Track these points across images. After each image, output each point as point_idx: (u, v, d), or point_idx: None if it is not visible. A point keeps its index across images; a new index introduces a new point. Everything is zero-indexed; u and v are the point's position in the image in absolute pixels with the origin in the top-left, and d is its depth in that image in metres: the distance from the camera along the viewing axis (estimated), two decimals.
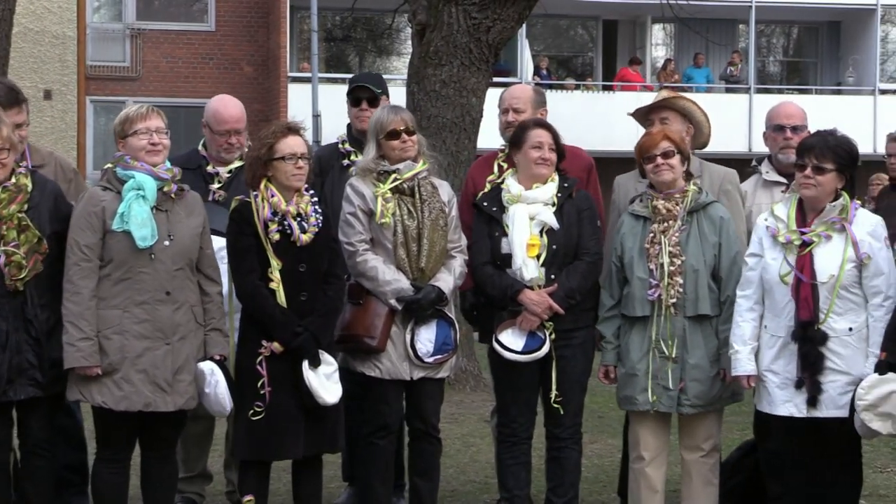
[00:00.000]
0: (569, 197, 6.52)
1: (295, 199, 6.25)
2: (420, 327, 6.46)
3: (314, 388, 6.15)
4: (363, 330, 6.41)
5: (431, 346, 6.46)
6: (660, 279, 6.30)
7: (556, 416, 6.57)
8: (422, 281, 6.45)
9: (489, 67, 11.67)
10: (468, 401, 11.08)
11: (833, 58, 31.74)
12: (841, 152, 6.08)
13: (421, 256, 6.44)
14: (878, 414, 5.85)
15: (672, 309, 6.31)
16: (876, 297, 6.01)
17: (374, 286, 6.41)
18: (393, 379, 6.45)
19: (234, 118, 7.13)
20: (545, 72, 29.36)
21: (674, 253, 6.31)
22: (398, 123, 6.51)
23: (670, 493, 6.85)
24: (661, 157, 6.36)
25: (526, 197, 6.48)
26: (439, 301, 6.45)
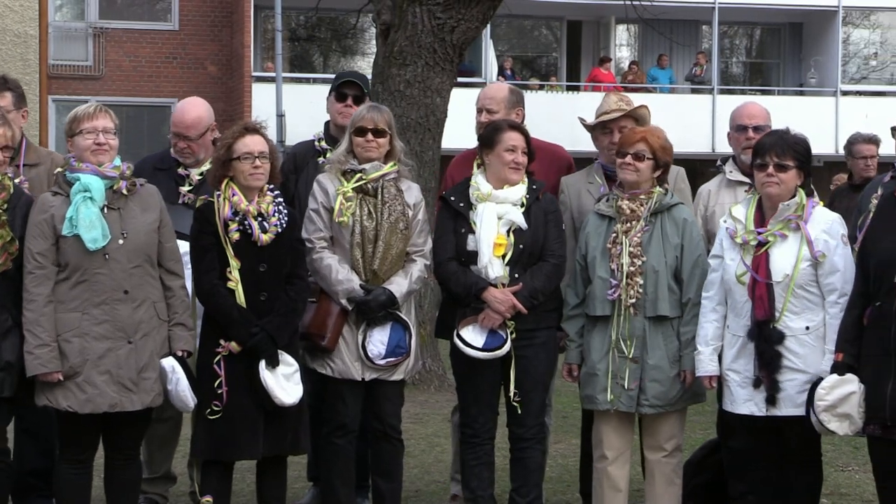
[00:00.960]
0: (536, 199, 6.54)
1: (256, 198, 6.24)
2: (373, 329, 6.45)
3: (271, 389, 6.14)
4: (315, 328, 6.43)
5: (383, 349, 6.45)
6: (620, 279, 6.32)
7: (518, 416, 6.57)
8: (374, 283, 6.44)
9: (453, 68, 11.67)
10: (432, 401, 11.08)
11: (795, 59, 31.93)
12: (800, 149, 6.13)
13: (375, 258, 6.43)
14: (836, 415, 5.88)
15: (632, 309, 6.33)
16: (832, 294, 6.04)
17: (327, 285, 6.42)
18: (345, 379, 6.44)
19: (185, 123, 7.10)
20: (509, 72, 29.39)
21: (634, 253, 6.33)
22: (368, 122, 6.51)
23: (633, 493, 6.88)
24: (631, 157, 6.38)
25: (496, 196, 6.48)
26: (390, 304, 6.44)
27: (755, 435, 6.22)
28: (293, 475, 7.95)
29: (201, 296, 6.25)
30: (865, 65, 32.45)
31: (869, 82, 32.06)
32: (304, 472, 7.61)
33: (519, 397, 6.52)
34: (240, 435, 6.20)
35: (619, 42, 32.46)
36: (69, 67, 28.05)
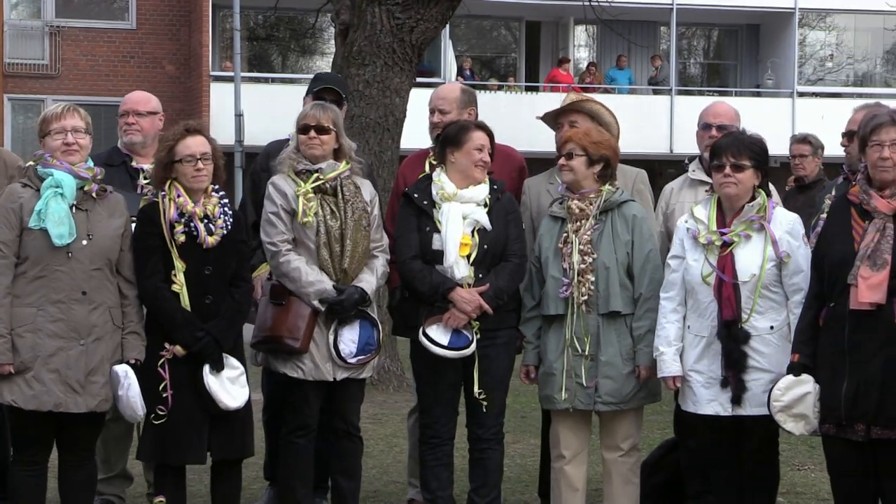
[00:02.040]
0: (497, 199, 6.55)
1: (202, 200, 6.21)
2: (343, 328, 6.44)
3: (215, 393, 6.12)
4: (286, 331, 6.38)
5: (354, 347, 6.45)
6: (571, 277, 6.34)
7: (478, 416, 6.58)
8: (345, 282, 6.43)
9: (413, 68, 11.68)
10: (391, 401, 11.07)
11: (752, 60, 32.12)
12: (756, 149, 6.16)
13: (344, 257, 6.42)
14: (792, 415, 5.91)
15: (584, 307, 6.35)
16: (796, 294, 6.08)
17: (297, 287, 6.39)
18: (315, 380, 6.43)
19: (133, 99, 7.23)
20: (468, 72, 29.43)
21: (584, 251, 6.35)
22: (311, 119, 6.50)
23: (591, 493, 6.89)
24: (563, 158, 6.42)
25: (461, 196, 6.48)
26: (362, 302, 6.44)
27: (716, 435, 6.24)
28: (250, 475, 7.92)
29: (145, 298, 6.18)
30: (821, 66, 32.68)
31: (825, 84, 32.30)
32: (262, 472, 7.59)
33: (484, 396, 6.53)
34: (185, 439, 6.18)
35: (578, 43, 32.55)
36: (25, 66, 27.86)
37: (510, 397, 6.76)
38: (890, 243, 5.74)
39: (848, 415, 5.78)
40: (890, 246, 5.73)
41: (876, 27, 30.63)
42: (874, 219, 5.80)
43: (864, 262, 5.75)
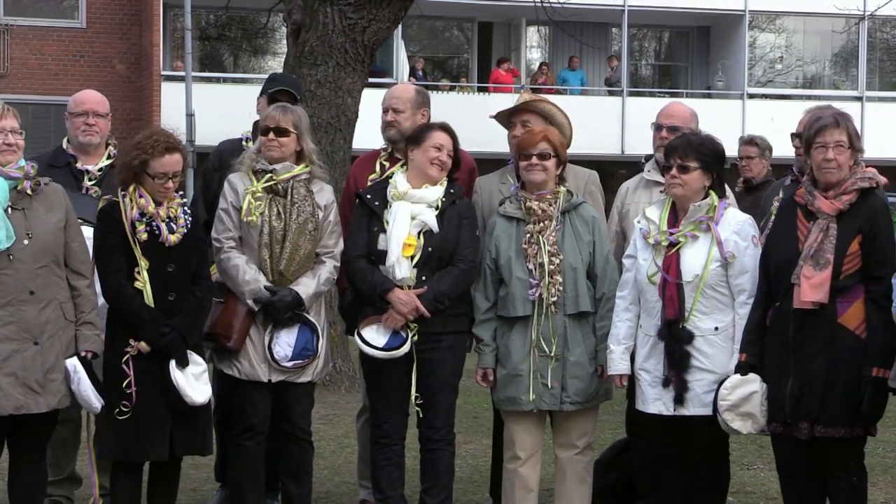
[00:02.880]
0: (452, 203, 6.54)
1: (166, 202, 6.20)
2: (280, 331, 6.42)
3: (182, 388, 6.11)
4: (222, 329, 6.40)
5: (290, 351, 6.42)
6: (540, 278, 6.35)
7: (427, 417, 6.57)
8: (281, 284, 6.41)
9: (365, 68, 11.66)
10: (343, 402, 11.05)
11: (703, 62, 32.30)
12: (704, 150, 6.19)
13: (282, 259, 6.40)
14: (740, 414, 5.96)
15: (553, 307, 6.36)
16: (741, 295, 6.12)
17: (234, 285, 6.39)
18: (252, 380, 6.42)
19: (94, 100, 7.16)
20: (421, 73, 29.43)
21: (552, 252, 6.37)
22: (271, 121, 6.50)
23: (543, 493, 6.91)
24: (536, 157, 6.42)
25: (412, 195, 6.47)
26: (295, 305, 6.41)
27: (665, 434, 6.28)
28: (201, 476, 7.92)
29: (109, 296, 6.18)
30: (771, 68, 32.93)
31: (775, 86, 32.55)
32: (213, 473, 7.56)
33: (421, 400, 6.52)
34: (148, 435, 6.15)
35: (530, 44, 32.63)
36: None
37: (462, 398, 6.76)
38: (833, 243, 5.80)
39: (793, 413, 5.85)
40: (833, 246, 5.80)
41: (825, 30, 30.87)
42: (818, 219, 5.87)
43: (808, 261, 5.82)
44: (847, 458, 5.89)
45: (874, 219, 5.84)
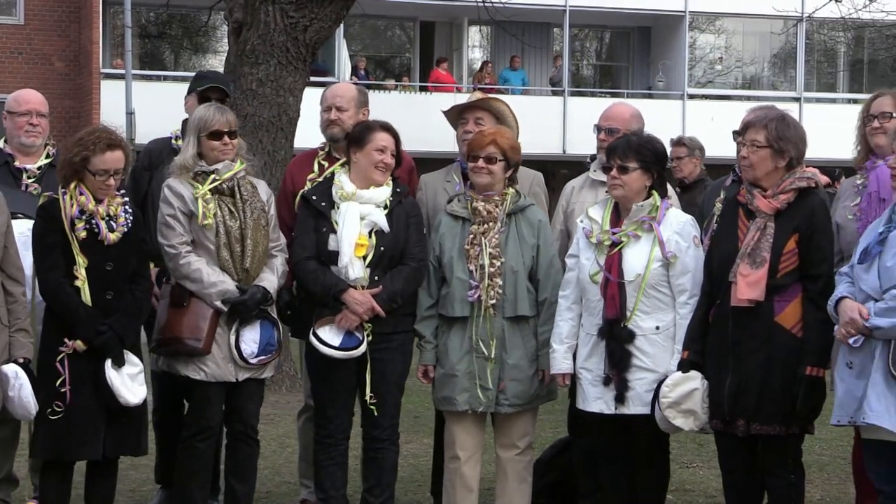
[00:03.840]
0: (399, 203, 6.54)
1: (106, 200, 6.16)
2: (244, 328, 6.42)
3: (117, 389, 6.08)
4: (188, 332, 6.35)
5: (256, 347, 6.43)
6: (479, 280, 6.37)
7: (373, 417, 6.57)
8: (247, 282, 6.41)
9: (306, 67, 11.63)
10: (284, 401, 11.03)
11: (644, 62, 32.48)
12: (644, 151, 6.23)
13: (245, 257, 6.40)
14: (681, 411, 6.01)
15: (491, 310, 6.38)
16: (682, 295, 6.16)
17: (199, 288, 6.35)
18: (218, 381, 6.39)
19: (37, 100, 7.11)
20: (363, 72, 29.39)
21: (494, 254, 6.38)
22: (223, 125, 6.47)
23: (484, 492, 6.92)
24: (483, 160, 6.43)
25: (360, 196, 6.46)
26: (265, 301, 6.42)
27: (606, 433, 6.31)
28: (140, 477, 7.87)
29: (46, 293, 6.13)
30: (711, 69, 33.17)
31: (714, 86, 32.78)
32: (152, 474, 7.51)
33: (375, 400, 6.52)
34: (81, 435, 6.11)
35: (472, 43, 32.67)
36: None
37: (404, 397, 6.76)
38: (770, 242, 5.87)
39: (731, 411, 5.91)
40: (769, 245, 5.86)
41: (763, 31, 31.14)
42: (757, 218, 5.93)
43: (744, 259, 5.88)
44: (784, 455, 5.95)
45: (811, 218, 5.90)
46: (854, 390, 5.60)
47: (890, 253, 5.56)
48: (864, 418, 5.52)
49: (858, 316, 5.53)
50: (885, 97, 6.42)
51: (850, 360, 5.64)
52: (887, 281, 5.54)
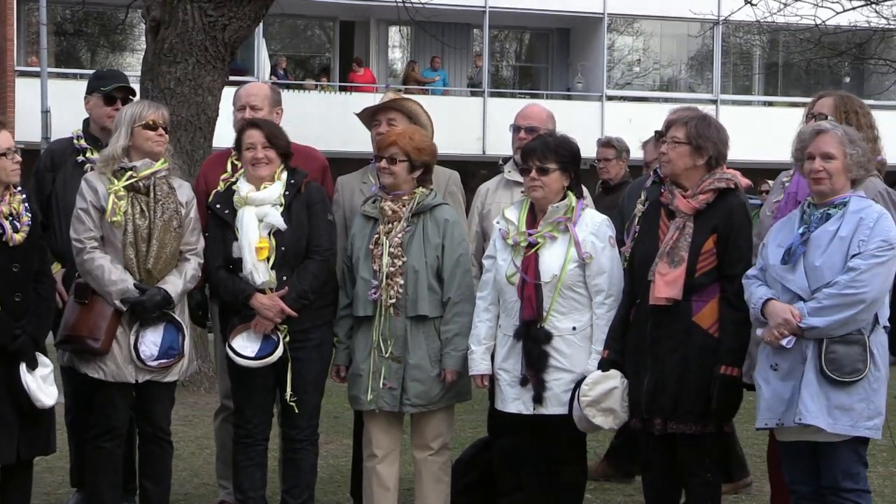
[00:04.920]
0: (298, 192, 6.51)
1: (7, 198, 6.09)
2: (146, 330, 6.36)
3: (33, 392, 6.02)
4: (87, 331, 6.29)
5: (156, 350, 6.37)
6: (380, 280, 6.37)
7: (292, 417, 6.55)
8: (149, 282, 6.35)
9: (225, 66, 11.56)
10: (202, 402, 10.95)
11: (563, 64, 32.68)
12: (562, 152, 6.27)
13: (149, 257, 6.34)
14: (601, 410, 6.05)
15: (392, 309, 6.38)
16: (598, 295, 6.20)
17: (100, 286, 6.29)
18: (118, 382, 6.34)
19: None
20: (282, 72, 29.28)
21: (394, 254, 6.38)
22: (159, 117, 6.45)
23: (404, 492, 6.93)
24: (385, 161, 6.43)
25: (253, 199, 6.43)
26: (165, 304, 6.36)
27: (524, 433, 6.33)
28: (56, 480, 7.79)
29: None
30: (629, 71, 33.45)
31: (632, 88, 33.07)
32: (68, 477, 7.43)
33: (296, 398, 6.50)
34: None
35: (392, 44, 32.68)
36: None
37: (323, 398, 6.75)
38: (688, 241, 5.93)
39: (648, 409, 5.96)
40: (688, 244, 5.92)
41: (681, 34, 31.46)
42: (676, 218, 5.99)
43: (663, 258, 5.94)
44: (701, 454, 6.01)
45: (730, 218, 5.96)
46: (781, 392, 5.66)
47: (816, 253, 5.64)
48: (798, 419, 5.58)
49: (791, 317, 5.60)
50: (827, 98, 6.47)
51: (775, 362, 5.69)
52: (816, 280, 5.61)
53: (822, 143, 5.72)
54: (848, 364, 5.55)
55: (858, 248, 5.57)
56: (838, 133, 5.74)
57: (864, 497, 5.72)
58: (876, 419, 5.61)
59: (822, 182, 5.71)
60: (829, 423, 5.55)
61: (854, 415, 5.56)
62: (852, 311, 5.52)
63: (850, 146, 5.71)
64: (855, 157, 5.70)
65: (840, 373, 5.54)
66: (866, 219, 5.61)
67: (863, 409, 5.56)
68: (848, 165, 5.70)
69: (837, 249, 5.60)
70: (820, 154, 5.71)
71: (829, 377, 5.55)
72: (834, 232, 5.63)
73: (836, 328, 5.55)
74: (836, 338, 5.56)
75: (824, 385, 5.56)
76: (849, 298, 5.52)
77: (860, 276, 5.52)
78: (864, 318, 5.57)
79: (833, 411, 5.55)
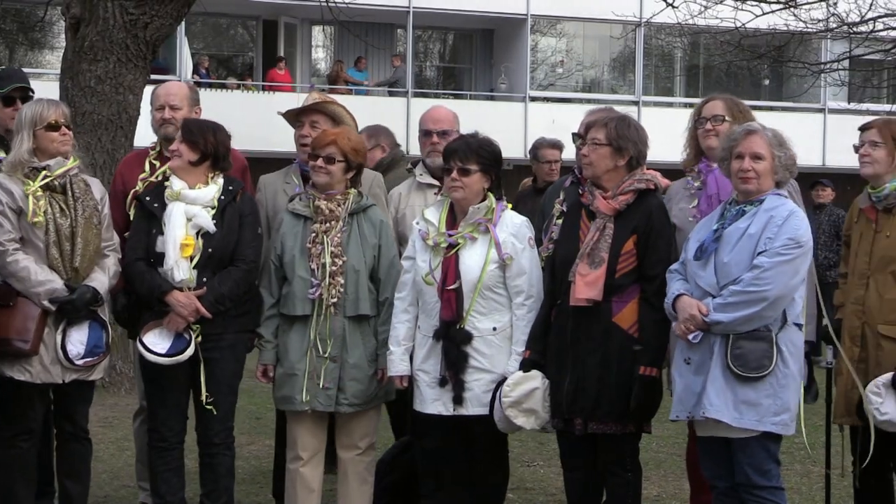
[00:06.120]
0: (233, 200, 6.48)
1: None
2: (72, 328, 6.31)
3: None
4: (14, 333, 6.22)
5: (83, 348, 6.33)
6: (321, 279, 6.35)
7: (207, 420, 6.51)
8: (76, 281, 6.30)
9: (147, 64, 11.47)
10: (122, 404, 10.85)
11: (486, 65, 32.75)
12: (484, 153, 6.29)
13: (75, 256, 6.30)
14: (522, 410, 6.08)
15: (332, 308, 6.37)
16: (518, 296, 6.23)
17: (26, 287, 6.22)
18: (44, 382, 6.26)
19: None
20: (205, 71, 29.09)
21: (335, 253, 6.37)
22: (60, 115, 6.38)
23: (326, 493, 6.91)
24: (322, 160, 6.41)
25: (186, 196, 6.39)
26: (94, 301, 6.32)
27: (445, 434, 6.34)
28: None
29: None
30: (552, 72, 33.59)
31: (556, 89, 33.22)
32: None
33: (212, 399, 6.46)
34: None
35: (316, 43, 32.57)
36: None
37: (245, 398, 6.73)
38: (608, 242, 5.97)
39: (569, 410, 5.99)
40: (608, 245, 5.97)
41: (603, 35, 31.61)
42: (597, 219, 6.03)
43: (584, 259, 5.98)
44: (621, 454, 6.05)
45: (649, 219, 6.01)
46: (692, 386, 5.73)
47: (726, 249, 5.72)
48: (703, 413, 5.66)
49: (697, 312, 5.66)
50: (717, 101, 6.58)
51: (688, 356, 5.77)
52: (724, 277, 5.69)
53: (752, 144, 5.80)
54: (753, 360, 5.62)
55: (765, 245, 5.65)
56: (768, 135, 5.82)
57: (777, 494, 5.79)
58: (783, 415, 5.68)
59: (750, 182, 5.78)
60: (735, 418, 5.62)
61: (761, 410, 5.63)
62: (756, 308, 5.60)
63: (779, 148, 5.81)
64: (783, 159, 5.80)
65: (745, 368, 5.62)
66: (776, 217, 5.69)
67: (769, 404, 5.64)
68: (775, 167, 5.79)
69: (746, 247, 5.69)
70: (750, 154, 5.79)
71: (735, 372, 5.62)
72: (744, 229, 5.72)
73: (741, 324, 5.62)
74: (743, 334, 5.64)
75: (731, 380, 5.63)
76: (752, 296, 5.59)
77: (763, 274, 5.60)
78: (770, 314, 5.64)
79: (739, 406, 5.62)
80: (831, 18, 19.90)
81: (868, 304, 6.23)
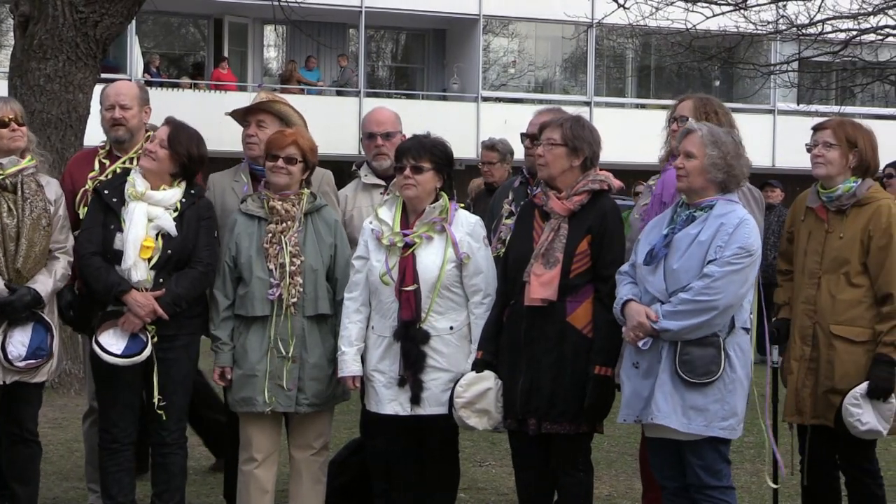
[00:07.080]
0: (193, 204, 6.45)
1: None
2: (14, 330, 6.26)
3: None
4: None
5: (24, 350, 6.28)
6: (280, 279, 6.33)
7: (160, 420, 6.47)
8: (18, 282, 6.25)
9: (97, 63, 11.39)
10: (72, 405, 10.77)
11: (439, 65, 32.79)
12: (437, 152, 6.29)
13: (18, 257, 6.25)
14: (475, 411, 6.08)
15: (292, 308, 6.35)
16: (476, 295, 6.24)
17: None
18: None
19: None
20: (155, 70, 28.94)
21: (294, 253, 6.35)
22: (8, 112, 6.34)
23: (277, 493, 6.89)
24: (283, 160, 6.39)
25: (149, 196, 6.36)
26: (35, 304, 6.26)
27: (398, 434, 6.33)
28: None
29: None
30: (505, 72, 33.67)
31: (508, 89, 33.30)
32: None
33: (164, 402, 6.42)
34: None
35: (268, 42, 32.48)
36: None
37: None
38: (563, 242, 5.98)
39: (523, 410, 6.00)
40: (563, 245, 5.98)
41: (555, 36, 31.72)
42: (551, 219, 6.05)
43: (538, 260, 5.99)
44: (574, 453, 6.07)
45: (603, 220, 6.02)
46: (641, 390, 5.75)
47: (675, 256, 5.72)
48: (651, 418, 5.68)
49: (646, 319, 5.68)
50: (687, 101, 6.56)
51: (637, 360, 5.79)
52: (674, 283, 5.70)
53: (686, 142, 5.82)
54: (701, 366, 5.64)
55: (715, 254, 5.64)
56: (701, 133, 5.81)
57: (728, 493, 5.82)
58: (731, 419, 5.70)
59: (680, 179, 5.81)
60: (683, 423, 5.64)
61: (708, 415, 5.65)
62: (705, 316, 5.60)
63: (711, 147, 5.76)
64: (713, 157, 5.75)
65: (693, 374, 5.63)
66: (727, 224, 5.68)
67: (717, 409, 5.65)
68: (705, 166, 5.75)
69: (695, 254, 5.68)
70: (683, 152, 5.81)
71: (683, 378, 5.64)
72: (695, 236, 5.71)
73: (689, 332, 5.63)
74: (692, 340, 5.65)
75: (679, 386, 5.65)
76: (702, 305, 5.60)
77: (714, 284, 5.60)
78: (719, 322, 5.65)
79: (688, 411, 5.64)
80: (781, 20, 20.05)
81: (819, 304, 6.26)
